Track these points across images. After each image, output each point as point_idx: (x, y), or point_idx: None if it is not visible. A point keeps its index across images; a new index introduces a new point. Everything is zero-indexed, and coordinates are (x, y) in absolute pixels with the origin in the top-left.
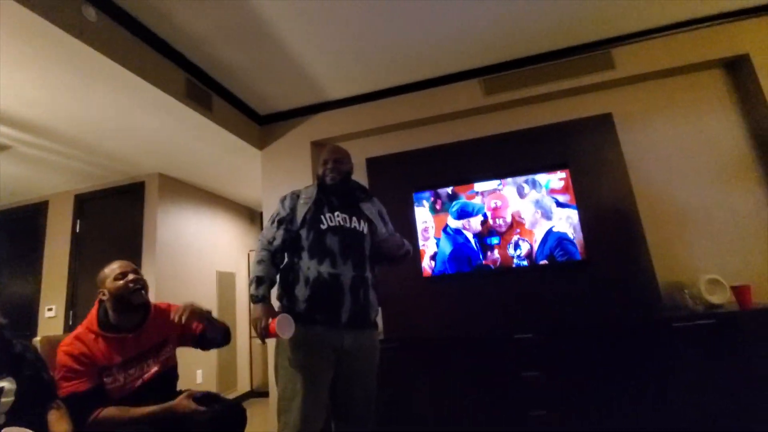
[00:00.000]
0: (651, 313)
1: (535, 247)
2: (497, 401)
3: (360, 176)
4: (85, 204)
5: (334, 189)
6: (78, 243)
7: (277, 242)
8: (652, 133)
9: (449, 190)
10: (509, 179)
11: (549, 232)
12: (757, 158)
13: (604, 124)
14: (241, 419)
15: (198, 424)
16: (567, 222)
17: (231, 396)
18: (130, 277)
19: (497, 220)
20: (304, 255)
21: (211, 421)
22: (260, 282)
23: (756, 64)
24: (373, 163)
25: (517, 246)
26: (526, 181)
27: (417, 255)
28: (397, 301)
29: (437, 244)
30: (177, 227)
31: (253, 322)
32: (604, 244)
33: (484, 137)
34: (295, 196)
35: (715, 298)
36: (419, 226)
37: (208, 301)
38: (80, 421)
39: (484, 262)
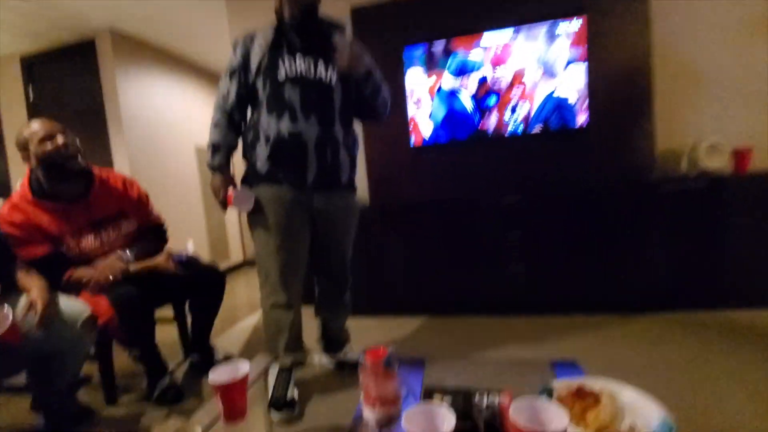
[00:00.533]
0: (640, 178)
1: (533, 112)
2: (481, 261)
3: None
4: (34, 68)
5: (295, 26)
6: (35, 113)
7: (232, 98)
8: None
9: (444, 45)
10: (517, 29)
11: (549, 97)
12: None
13: None
14: (219, 283)
15: (177, 284)
16: (571, 84)
17: (224, 266)
18: (60, 140)
19: (497, 73)
20: (263, 110)
21: (189, 279)
22: (216, 149)
23: None
24: (359, 15)
25: (514, 110)
26: (534, 31)
27: (406, 123)
28: (385, 171)
29: (430, 112)
30: (142, 96)
31: (213, 192)
32: (610, 107)
33: None
34: (249, 39)
35: (713, 163)
36: (409, 90)
37: (189, 179)
38: (54, 283)
39: (480, 127)
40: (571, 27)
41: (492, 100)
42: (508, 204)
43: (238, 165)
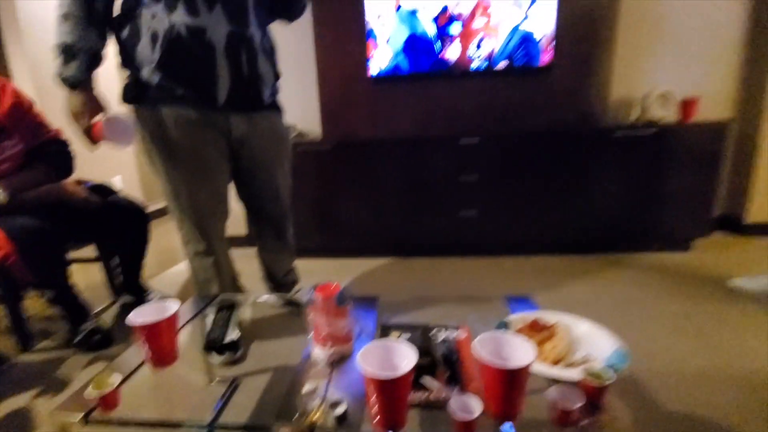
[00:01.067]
0: (594, 123)
1: (498, 47)
2: (436, 203)
3: None
4: None
5: None
6: None
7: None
8: None
9: None
10: None
11: (515, 30)
12: None
13: None
14: (140, 218)
15: (90, 215)
16: (539, 20)
17: (160, 206)
18: None
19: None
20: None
21: (104, 213)
22: (69, 53)
23: None
24: None
25: (479, 45)
26: None
27: (364, 48)
28: (339, 103)
29: (388, 34)
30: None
31: (71, 119)
32: (574, 48)
33: None
34: None
35: (662, 112)
36: (368, 9)
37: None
38: None
39: (441, 55)
40: None
41: (455, 29)
42: (466, 145)
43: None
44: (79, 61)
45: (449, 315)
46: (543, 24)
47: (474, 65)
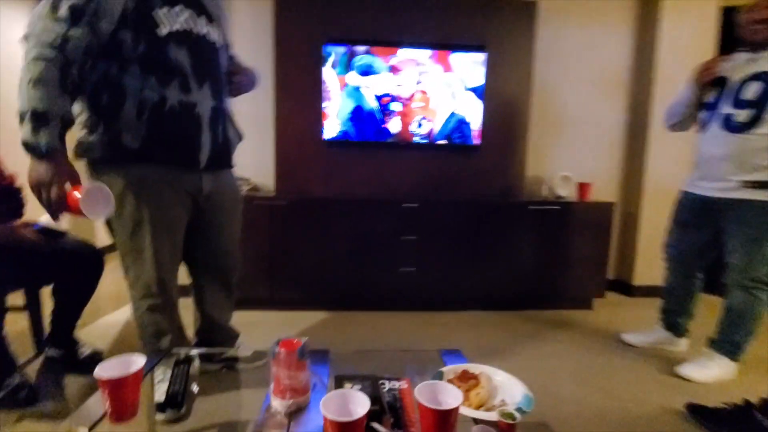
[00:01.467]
0: (516, 197)
1: (437, 127)
2: (379, 259)
3: (264, 15)
4: None
5: None
6: None
7: (75, 47)
8: (565, 32)
9: (364, 51)
10: (428, 51)
11: (452, 115)
12: (629, 78)
13: (527, 11)
14: (96, 262)
15: (41, 258)
16: (470, 106)
17: None
18: None
19: (403, 82)
20: (133, 69)
21: (56, 256)
22: (43, 120)
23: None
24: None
25: (420, 124)
26: (443, 56)
27: (319, 116)
28: (293, 162)
29: (339, 105)
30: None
31: (39, 188)
32: (496, 133)
33: None
34: None
35: (564, 191)
36: (325, 84)
37: None
38: None
39: (384, 125)
40: (474, 59)
41: (395, 106)
42: (407, 209)
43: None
44: (51, 129)
45: (392, 366)
46: (473, 111)
47: (416, 139)
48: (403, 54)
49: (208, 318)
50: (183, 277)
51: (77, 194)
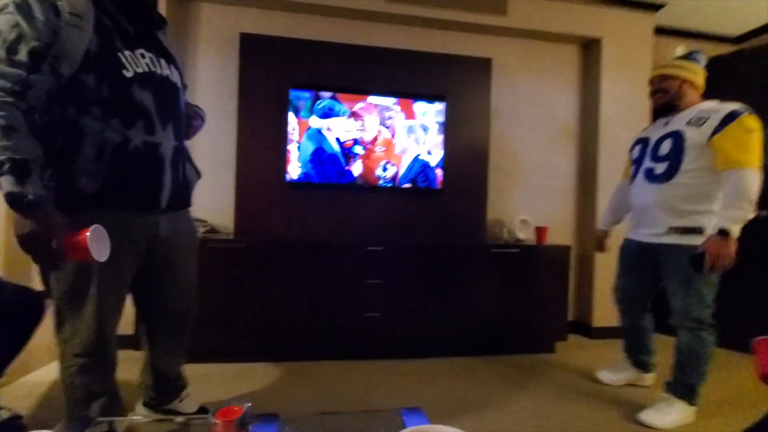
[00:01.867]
0: (477, 240)
1: (401, 171)
2: (341, 305)
3: (231, 55)
4: None
5: (135, 8)
6: None
7: (36, 93)
8: (517, 87)
9: (329, 96)
10: (390, 99)
11: (416, 159)
12: (577, 130)
13: (483, 66)
14: (34, 308)
15: None
16: (433, 152)
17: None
18: None
19: (359, 127)
20: (94, 111)
21: None
22: (24, 169)
23: (604, 50)
24: (248, 43)
25: (384, 168)
26: (405, 104)
27: (283, 158)
28: (254, 203)
29: (299, 147)
30: None
31: (34, 242)
32: (457, 178)
33: (376, 47)
34: (50, 5)
35: (522, 234)
36: (290, 128)
37: None
38: None
39: (347, 167)
40: (434, 108)
41: (358, 149)
42: (372, 251)
43: None
44: (34, 177)
45: (349, 429)
46: (436, 155)
47: (381, 182)
48: (367, 100)
49: (156, 367)
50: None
51: (85, 237)
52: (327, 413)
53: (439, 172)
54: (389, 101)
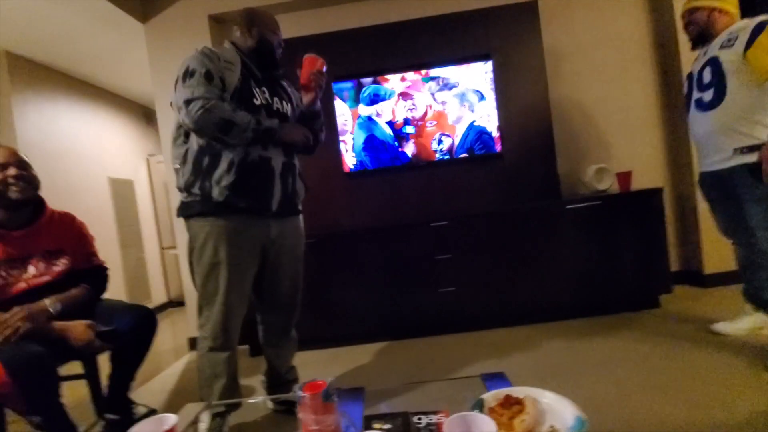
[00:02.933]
0: (550, 199)
1: (457, 141)
2: (414, 284)
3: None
4: None
5: (255, 58)
6: None
7: (213, 97)
8: (571, 25)
9: (371, 81)
10: (434, 70)
11: (470, 127)
12: (652, 54)
13: (529, 11)
14: (149, 325)
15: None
16: (487, 116)
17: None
18: (11, 171)
19: (416, 104)
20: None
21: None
22: (243, 121)
23: None
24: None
25: (440, 141)
26: (451, 71)
27: (338, 150)
28: (317, 197)
29: (353, 137)
30: (44, 124)
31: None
32: (518, 138)
33: (408, 21)
34: (214, 55)
35: (602, 185)
36: (338, 120)
37: (102, 214)
38: None
39: (400, 149)
40: (482, 68)
41: (410, 129)
42: (437, 227)
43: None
44: (256, 119)
45: (432, 397)
46: (492, 118)
47: (438, 156)
48: (411, 77)
49: (269, 359)
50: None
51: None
52: (409, 383)
53: (496, 135)
54: (434, 72)
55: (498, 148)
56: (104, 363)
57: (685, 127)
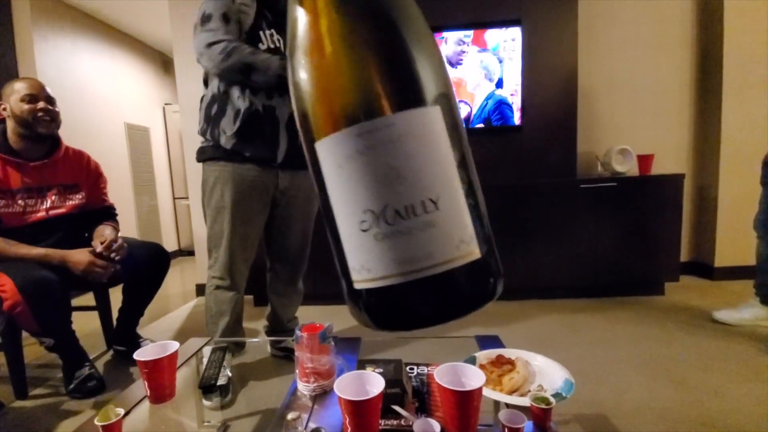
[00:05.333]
0: (564, 177)
1: (474, 110)
2: None
3: None
4: None
5: (274, 2)
6: None
7: (234, 38)
8: None
9: None
10: (455, 33)
11: (490, 96)
12: (693, 34)
13: None
14: (164, 262)
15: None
16: (511, 85)
17: None
18: (41, 105)
19: None
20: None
21: (129, 258)
22: (264, 64)
23: None
24: None
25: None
26: (475, 36)
27: None
28: None
29: None
30: (64, 64)
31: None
32: (539, 112)
33: None
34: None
35: (622, 167)
36: None
37: (117, 160)
38: None
39: None
40: (509, 35)
41: None
42: None
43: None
44: (268, 56)
45: (426, 352)
46: (515, 89)
47: None
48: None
49: (273, 307)
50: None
51: None
52: (404, 337)
53: (517, 107)
54: (456, 35)
55: (517, 120)
56: (115, 298)
57: (718, 115)
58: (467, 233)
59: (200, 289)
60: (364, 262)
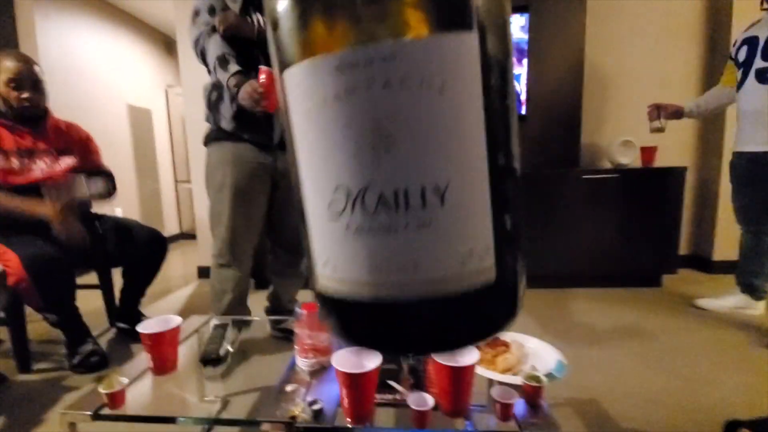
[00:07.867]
0: (566, 167)
1: None
2: None
3: None
4: None
5: None
6: None
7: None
8: None
9: None
10: None
11: None
12: (702, 27)
13: None
14: (162, 247)
15: (114, 245)
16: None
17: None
18: (24, 95)
19: None
20: (231, 67)
21: (128, 242)
22: (224, 60)
23: None
24: None
25: None
26: None
27: None
28: None
29: None
30: (66, 42)
31: (252, 101)
32: (544, 100)
33: None
34: None
35: (625, 158)
36: None
37: (119, 141)
38: None
39: None
40: (515, 22)
41: None
42: None
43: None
44: (231, 63)
45: None
46: (519, 77)
47: None
48: None
49: (275, 288)
50: None
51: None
52: None
53: (522, 96)
54: None
55: (522, 109)
56: (118, 278)
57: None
58: (482, 243)
59: (201, 272)
60: (331, 256)
